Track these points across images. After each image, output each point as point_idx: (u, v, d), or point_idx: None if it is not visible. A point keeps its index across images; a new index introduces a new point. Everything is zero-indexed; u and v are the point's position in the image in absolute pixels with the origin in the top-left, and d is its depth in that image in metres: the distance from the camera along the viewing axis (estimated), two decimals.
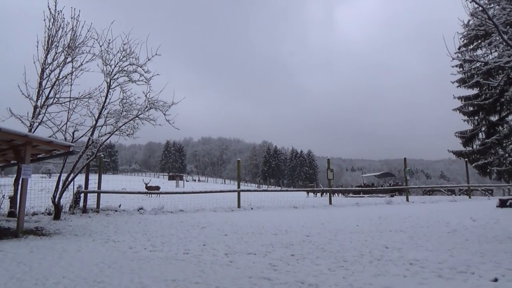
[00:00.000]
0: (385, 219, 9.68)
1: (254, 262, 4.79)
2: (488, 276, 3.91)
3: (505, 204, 12.98)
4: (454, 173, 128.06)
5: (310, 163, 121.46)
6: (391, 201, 16.90)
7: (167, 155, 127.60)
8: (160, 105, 10.69)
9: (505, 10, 7.09)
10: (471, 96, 29.45)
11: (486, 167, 27.49)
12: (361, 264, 4.59)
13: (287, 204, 14.95)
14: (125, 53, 10.19)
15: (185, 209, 12.41)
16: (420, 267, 4.36)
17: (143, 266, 4.59)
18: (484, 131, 28.73)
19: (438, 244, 5.89)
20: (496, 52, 15.45)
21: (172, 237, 6.91)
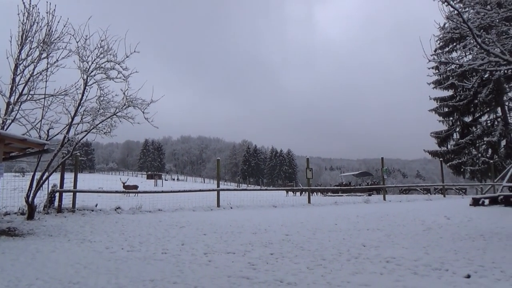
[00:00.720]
0: (363, 217, 9.82)
1: (233, 261, 4.78)
2: (461, 272, 4.02)
3: (478, 203, 13.37)
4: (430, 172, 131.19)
5: (290, 162, 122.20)
6: (369, 200, 17.16)
7: (145, 153, 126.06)
8: (138, 103, 10.53)
9: (479, 14, 7.29)
10: (446, 97, 30.19)
11: (460, 166, 28.25)
12: (339, 262, 4.64)
13: (267, 203, 14.99)
14: (103, 49, 9.99)
15: (163, 208, 12.28)
16: (396, 265, 4.44)
17: (120, 267, 4.52)
18: (458, 131, 29.52)
19: (414, 242, 6.02)
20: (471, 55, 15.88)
21: (150, 237, 6.82)
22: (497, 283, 3.65)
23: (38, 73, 9.96)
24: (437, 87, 30.31)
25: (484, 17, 7.11)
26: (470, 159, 27.97)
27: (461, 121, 29.23)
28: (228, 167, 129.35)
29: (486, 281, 3.71)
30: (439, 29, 21.61)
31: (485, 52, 6.55)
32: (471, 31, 6.21)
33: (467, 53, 24.01)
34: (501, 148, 27.17)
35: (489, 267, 4.24)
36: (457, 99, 29.09)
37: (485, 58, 6.78)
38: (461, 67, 7.71)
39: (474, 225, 8.08)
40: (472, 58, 9.22)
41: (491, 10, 7.11)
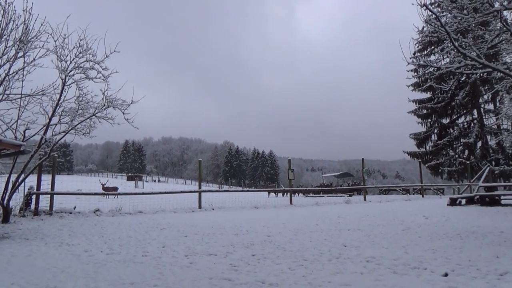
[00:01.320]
0: (344, 218, 9.91)
1: (214, 263, 4.75)
2: (439, 271, 4.09)
3: (455, 203, 13.68)
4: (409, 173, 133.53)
5: (272, 163, 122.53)
6: (350, 200, 17.36)
7: (125, 155, 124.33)
8: (118, 104, 10.38)
9: (456, 19, 7.46)
10: (424, 99, 30.83)
11: (438, 167, 28.87)
12: (321, 263, 4.67)
13: (249, 204, 14.98)
14: (82, 49, 9.81)
15: (144, 210, 12.13)
16: (376, 264, 4.50)
17: (99, 270, 4.43)
18: (436, 133, 30.17)
19: (393, 242, 6.11)
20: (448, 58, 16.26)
21: (130, 239, 6.72)
22: (473, 280, 3.74)
23: (14, 72, 9.70)
24: (416, 89, 30.93)
25: (461, 22, 7.28)
26: (447, 160, 28.62)
27: (439, 123, 29.89)
28: (210, 168, 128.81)
29: (463, 279, 3.79)
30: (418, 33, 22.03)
31: (462, 56, 6.71)
32: (449, 35, 6.35)
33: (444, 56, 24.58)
34: (477, 149, 27.90)
35: (465, 265, 4.34)
36: (435, 101, 29.73)
37: (462, 61, 6.94)
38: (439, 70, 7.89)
39: (452, 224, 8.27)
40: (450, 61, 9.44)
41: (467, 15, 7.29)
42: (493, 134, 27.40)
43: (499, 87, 12.03)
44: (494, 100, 27.89)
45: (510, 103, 12.81)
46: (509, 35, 6.87)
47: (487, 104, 29.12)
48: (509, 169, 24.90)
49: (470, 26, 7.60)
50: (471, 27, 7.69)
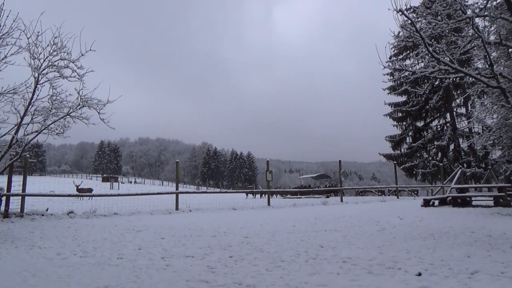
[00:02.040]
0: (321, 219, 10.00)
1: (191, 265, 4.71)
2: (413, 271, 4.18)
3: (428, 204, 14.02)
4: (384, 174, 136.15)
5: (250, 164, 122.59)
6: (327, 201, 17.54)
7: (101, 155, 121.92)
8: (94, 103, 10.16)
9: (430, 24, 7.65)
10: (400, 103, 31.49)
11: (413, 169, 29.53)
12: (298, 264, 4.69)
13: (226, 206, 14.93)
14: (56, 47, 9.55)
15: (120, 212, 11.91)
16: (352, 265, 4.55)
17: (72, 273, 4.32)
18: (411, 135, 30.86)
19: (369, 242, 6.20)
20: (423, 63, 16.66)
21: (105, 242, 6.59)
22: (445, 280, 3.83)
23: None
24: (392, 93, 31.56)
25: (435, 27, 7.47)
26: (421, 162, 29.31)
27: (414, 126, 30.58)
28: (188, 169, 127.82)
29: (435, 278, 3.88)
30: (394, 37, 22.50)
31: (435, 61, 6.88)
32: (423, 40, 6.51)
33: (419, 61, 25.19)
34: (450, 152, 28.70)
35: (438, 265, 4.45)
36: (410, 104, 30.41)
37: (436, 66, 7.12)
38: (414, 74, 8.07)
39: (425, 225, 8.46)
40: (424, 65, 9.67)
41: (441, 21, 7.49)
42: (465, 137, 28.23)
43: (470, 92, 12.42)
44: (466, 104, 28.74)
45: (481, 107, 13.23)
46: (480, 42, 7.09)
47: (459, 108, 30.00)
48: (480, 171, 25.71)
49: (444, 32, 7.82)
50: (444, 33, 7.91)
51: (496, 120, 12.21)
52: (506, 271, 4.08)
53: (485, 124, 21.48)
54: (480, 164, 26.92)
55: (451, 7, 7.20)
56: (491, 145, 14.11)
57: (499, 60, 11.79)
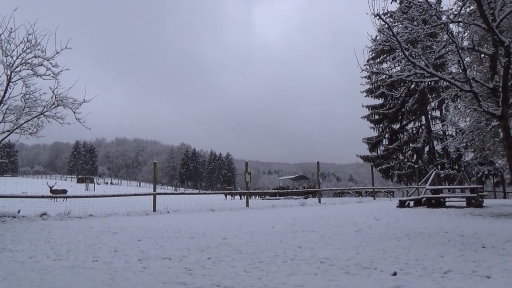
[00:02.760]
0: (299, 220, 10.06)
1: (169, 267, 4.65)
2: (389, 270, 4.25)
3: (404, 205, 14.31)
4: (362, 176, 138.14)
5: (229, 166, 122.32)
6: (305, 203, 17.66)
7: (76, 156, 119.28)
8: (69, 103, 9.95)
9: (407, 29, 7.82)
10: (377, 105, 32.04)
11: (389, 170, 30.08)
12: (276, 265, 4.70)
13: (205, 207, 14.84)
14: (30, 44, 9.31)
15: (95, 213, 11.67)
16: (329, 265, 4.59)
17: (45, 277, 4.20)
18: (387, 137, 31.44)
19: (346, 243, 6.27)
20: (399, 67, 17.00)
21: (79, 244, 6.43)
22: (419, 279, 3.91)
23: None
24: (369, 95, 32.08)
25: (411, 32, 7.64)
26: (397, 164, 29.89)
27: (390, 128, 31.17)
28: (166, 170, 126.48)
29: (410, 277, 3.96)
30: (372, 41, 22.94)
31: (411, 64, 7.04)
32: (400, 44, 6.65)
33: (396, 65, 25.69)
34: (425, 154, 29.39)
35: (413, 264, 4.53)
36: (386, 107, 30.98)
37: (412, 70, 7.28)
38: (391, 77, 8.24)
39: (401, 225, 8.63)
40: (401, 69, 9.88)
41: (417, 26, 7.67)
42: (439, 140, 28.96)
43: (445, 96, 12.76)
44: (441, 107, 29.51)
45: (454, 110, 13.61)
46: (454, 47, 7.29)
47: (434, 111, 30.76)
48: (453, 173, 26.41)
49: (420, 37, 8.01)
50: (420, 37, 8.11)
51: (468, 123, 12.57)
52: (478, 270, 4.20)
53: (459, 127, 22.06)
54: (453, 166, 27.67)
55: (427, 13, 7.39)
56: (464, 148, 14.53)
57: (472, 65, 12.15)
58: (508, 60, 6.91)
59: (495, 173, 29.54)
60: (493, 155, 13.41)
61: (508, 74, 6.86)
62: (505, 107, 6.73)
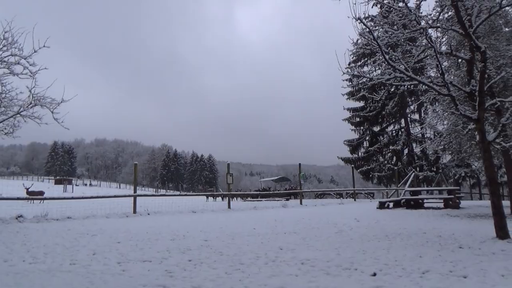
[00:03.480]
0: (281, 221, 10.08)
1: (149, 270, 4.59)
2: (369, 271, 4.30)
3: (384, 206, 14.52)
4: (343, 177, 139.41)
5: (211, 167, 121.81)
6: (287, 204, 17.73)
7: (54, 157, 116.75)
8: (47, 102, 9.72)
9: (387, 33, 7.94)
10: (358, 108, 32.43)
11: (369, 172, 30.46)
12: (257, 266, 4.69)
13: (186, 209, 14.72)
14: (6, 42, 9.07)
15: (73, 216, 11.43)
16: (310, 266, 4.62)
17: (20, 281, 4.09)
18: (368, 140, 31.83)
19: (327, 244, 6.32)
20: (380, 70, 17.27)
21: (57, 247, 6.29)
22: (399, 279, 3.97)
23: None
24: (350, 98, 32.44)
25: (392, 36, 7.76)
26: (377, 166, 30.31)
27: (371, 131, 31.57)
28: (146, 171, 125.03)
29: (389, 278, 4.01)
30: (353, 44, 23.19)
31: (392, 68, 7.15)
32: (380, 48, 6.74)
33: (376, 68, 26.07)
34: (404, 156, 29.89)
35: (392, 265, 4.60)
36: (367, 110, 31.38)
37: (392, 73, 7.40)
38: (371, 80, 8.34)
39: (380, 226, 8.75)
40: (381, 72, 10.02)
41: (397, 30, 7.79)
42: (418, 142, 29.48)
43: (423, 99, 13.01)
44: (419, 110, 30.06)
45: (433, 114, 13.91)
46: (433, 51, 7.44)
47: (413, 114, 31.30)
48: (431, 175, 26.94)
49: (400, 41, 8.14)
50: (400, 42, 8.23)
51: (446, 126, 12.84)
52: (455, 270, 4.29)
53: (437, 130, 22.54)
54: (431, 168, 28.22)
55: (407, 18, 7.52)
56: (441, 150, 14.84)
57: (450, 69, 12.44)
58: (484, 65, 7.10)
59: (471, 175, 30.31)
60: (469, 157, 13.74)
61: (484, 79, 7.04)
62: (481, 111, 6.90)
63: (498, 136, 7.95)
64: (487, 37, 10.71)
